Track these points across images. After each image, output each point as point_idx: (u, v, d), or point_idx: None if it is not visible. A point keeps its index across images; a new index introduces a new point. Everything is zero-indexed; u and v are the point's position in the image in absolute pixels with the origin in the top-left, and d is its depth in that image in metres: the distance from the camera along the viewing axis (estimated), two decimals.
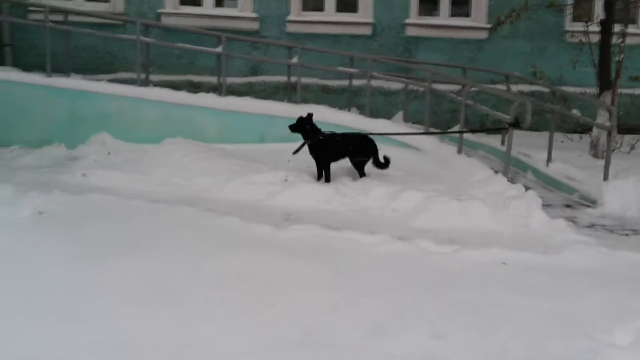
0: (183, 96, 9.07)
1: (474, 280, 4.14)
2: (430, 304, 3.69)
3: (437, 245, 4.88)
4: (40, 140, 8.67)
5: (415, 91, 11.40)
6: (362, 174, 7.00)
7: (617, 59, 9.36)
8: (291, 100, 9.65)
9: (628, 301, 3.83)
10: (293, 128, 6.89)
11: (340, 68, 9.82)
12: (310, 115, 6.94)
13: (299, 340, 3.19)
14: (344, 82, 10.54)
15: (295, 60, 9.49)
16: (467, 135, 9.54)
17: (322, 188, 6.48)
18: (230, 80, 11.34)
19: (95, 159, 7.73)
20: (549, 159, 7.72)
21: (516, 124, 6.70)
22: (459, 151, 7.96)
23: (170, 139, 8.04)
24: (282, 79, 11.33)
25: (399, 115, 10.46)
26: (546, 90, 10.31)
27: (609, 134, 7.34)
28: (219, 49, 9.27)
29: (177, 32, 10.37)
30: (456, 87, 9.91)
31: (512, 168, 7.75)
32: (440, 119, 11.10)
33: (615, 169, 7.15)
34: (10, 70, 9.24)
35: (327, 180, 6.83)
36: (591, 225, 5.95)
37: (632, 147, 9.90)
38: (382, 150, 8.52)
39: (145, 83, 9.49)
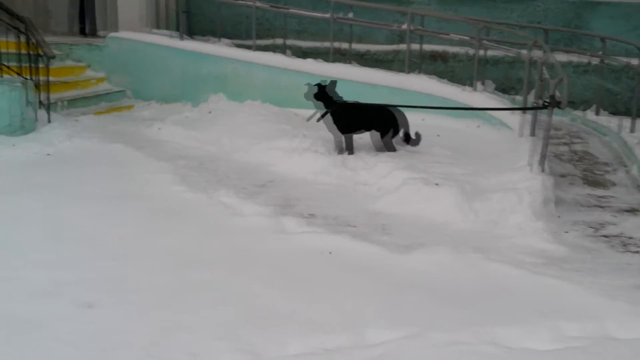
0: (289, 61, 9.39)
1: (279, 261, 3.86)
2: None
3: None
4: (173, 97, 9.85)
5: (586, 64, 10.01)
6: (389, 148, 6.60)
7: None
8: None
9: None
10: (314, 96, 6.71)
11: (453, 35, 9.08)
12: (332, 83, 6.73)
13: None
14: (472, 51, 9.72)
15: (404, 26, 9.07)
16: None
17: (327, 159, 6.33)
18: (375, 48, 11.32)
19: (186, 115, 8.57)
20: None
21: (556, 103, 5.62)
22: (532, 133, 6.92)
23: (250, 101, 8.49)
24: (430, 47, 10.94)
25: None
26: None
27: None
28: (328, 14, 9.31)
29: None
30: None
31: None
32: (616, 99, 9.64)
33: None
34: (156, 34, 10.49)
35: (349, 151, 6.60)
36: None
37: None
38: (467, 124, 7.96)
39: (283, 50, 10.02)
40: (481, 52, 9.46)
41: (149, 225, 4.35)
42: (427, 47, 10.86)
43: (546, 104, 5.73)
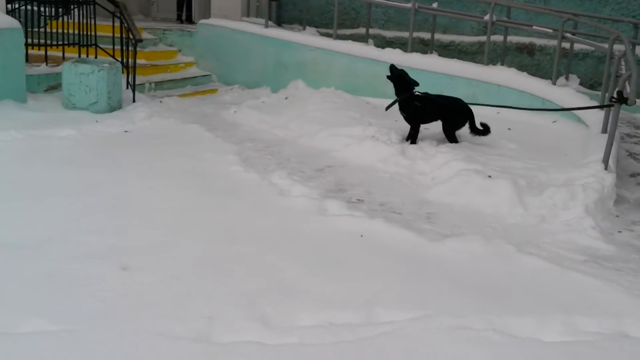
0: (368, 50, 9.48)
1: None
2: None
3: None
4: (255, 82, 10.22)
5: None
6: (451, 139, 6.59)
7: None
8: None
9: None
10: (389, 77, 6.80)
11: (536, 27, 8.82)
12: (399, 71, 6.78)
13: None
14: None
15: (486, 17, 8.92)
16: None
17: (388, 148, 6.40)
18: (460, 39, 11.22)
19: (263, 100, 8.88)
20: None
21: (623, 99, 5.42)
22: (604, 130, 6.66)
23: (325, 88, 8.67)
24: (516, 39, 10.74)
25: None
26: None
27: None
28: (409, 4, 9.31)
29: None
30: None
31: None
32: None
33: None
34: (245, 21, 10.87)
35: (413, 141, 6.63)
36: None
37: None
38: (543, 118, 7.83)
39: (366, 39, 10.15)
40: (567, 45, 9.20)
41: (200, 201, 4.63)
42: (514, 38, 10.70)
43: (613, 100, 5.54)
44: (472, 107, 6.70)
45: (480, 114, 7.95)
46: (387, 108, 6.80)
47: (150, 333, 2.80)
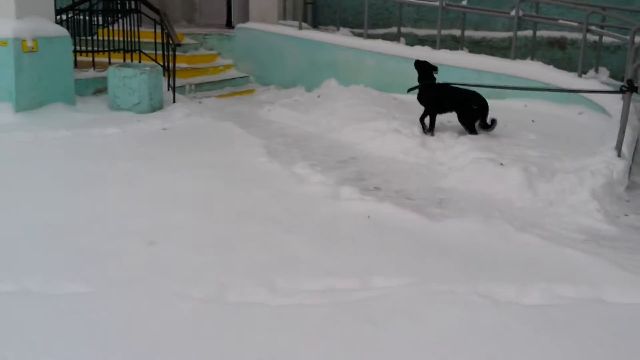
0: (397, 48, 9.76)
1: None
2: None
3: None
4: (290, 82, 10.62)
5: None
6: (470, 131, 6.83)
7: None
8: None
9: None
10: (415, 65, 7.16)
11: (562, 21, 8.95)
12: (425, 62, 7.08)
13: None
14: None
15: (512, 13, 9.09)
16: None
17: (409, 140, 6.68)
18: (491, 35, 11.40)
19: (296, 99, 9.27)
20: None
21: (633, 87, 5.57)
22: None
23: (354, 85, 9.01)
24: (547, 33, 10.86)
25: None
26: None
27: None
28: (436, 2, 9.56)
29: None
30: None
31: None
32: None
33: None
34: (281, 24, 11.30)
35: (430, 131, 6.91)
36: None
37: None
38: (569, 110, 7.97)
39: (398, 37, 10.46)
40: (596, 38, 9.28)
41: (225, 188, 5.04)
42: (545, 33, 10.82)
43: (624, 88, 5.70)
44: (478, 88, 6.92)
45: (509, 108, 8.21)
46: (409, 90, 7.13)
47: (167, 294, 3.21)
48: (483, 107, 6.84)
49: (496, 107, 7.57)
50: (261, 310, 3.12)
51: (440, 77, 7.20)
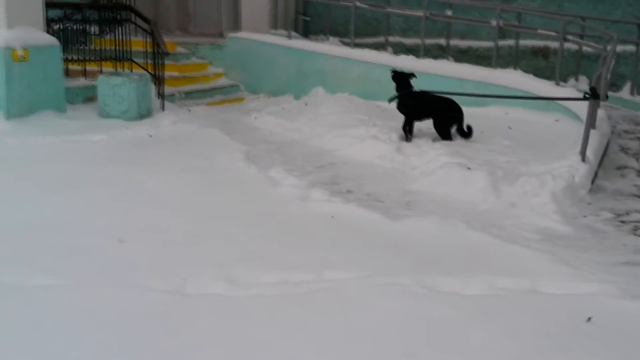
0: (383, 57, 10.00)
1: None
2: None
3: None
4: (279, 91, 10.87)
5: None
6: (444, 137, 7.05)
7: None
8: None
9: None
10: (393, 78, 7.38)
11: (541, 30, 9.19)
12: (408, 75, 7.31)
13: None
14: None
15: (493, 22, 9.34)
16: None
17: (386, 146, 6.91)
18: (477, 44, 11.65)
19: (283, 107, 9.52)
20: None
21: (596, 95, 5.80)
22: (592, 126, 6.99)
23: (340, 93, 9.26)
24: (531, 43, 11.10)
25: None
26: None
27: None
28: (420, 12, 9.82)
29: None
30: None
31: None
32: None
33: None
34: (272, 34, 11.57)
35: (409, 137, 7.14)
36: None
37: None
38: (546, 117, 8.19)
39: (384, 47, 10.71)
40: (577, 47, 9.52)
41: (202, 190, 5.28)
42: (529, 42, 11.06)
43: (587, 96, 5.93)
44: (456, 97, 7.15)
45: (490, 115, 8.43)
46: (390, 101, 7.36)
47: (132, 286, 3.43)
48: (459, 114, 7.07)
49: (477, 114, 7.83)
50: (219, 301, 3.34)
51: (423, 86, 7.42)
